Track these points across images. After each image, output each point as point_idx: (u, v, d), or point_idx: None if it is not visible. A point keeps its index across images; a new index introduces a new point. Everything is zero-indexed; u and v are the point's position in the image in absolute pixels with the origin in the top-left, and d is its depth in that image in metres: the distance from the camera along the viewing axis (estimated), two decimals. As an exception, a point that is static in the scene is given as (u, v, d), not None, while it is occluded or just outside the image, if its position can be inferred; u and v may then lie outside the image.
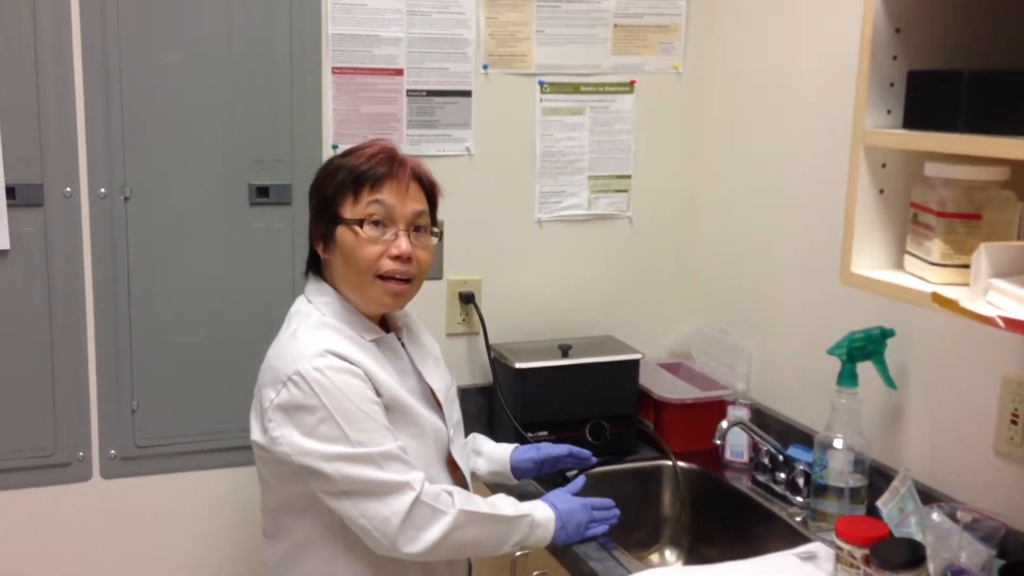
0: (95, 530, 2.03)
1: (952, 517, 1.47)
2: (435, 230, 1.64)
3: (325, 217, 1.59)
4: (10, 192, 1.87)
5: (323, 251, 1.62)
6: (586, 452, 1.88)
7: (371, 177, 1.57)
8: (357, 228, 1.56)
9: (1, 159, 1.85)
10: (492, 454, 1.87)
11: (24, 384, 1.93)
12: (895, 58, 1.39)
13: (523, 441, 2.03)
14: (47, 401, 1.95)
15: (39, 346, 1.93)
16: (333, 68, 2.06)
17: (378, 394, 1.54)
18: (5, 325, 1.91)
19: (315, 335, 1.54)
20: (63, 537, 2.01)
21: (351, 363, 1.52)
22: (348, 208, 1.57)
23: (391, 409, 1.56)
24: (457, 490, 1.58)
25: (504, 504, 1.62)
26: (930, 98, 1.34)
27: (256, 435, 1.55)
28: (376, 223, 1.56)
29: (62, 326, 1.94)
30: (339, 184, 1.58)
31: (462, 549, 1.58)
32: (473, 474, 1.80)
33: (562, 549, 1.71)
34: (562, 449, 1.86)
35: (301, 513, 1.57)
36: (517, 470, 1.85)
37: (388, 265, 1.56)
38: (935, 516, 1.47)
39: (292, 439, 1.49)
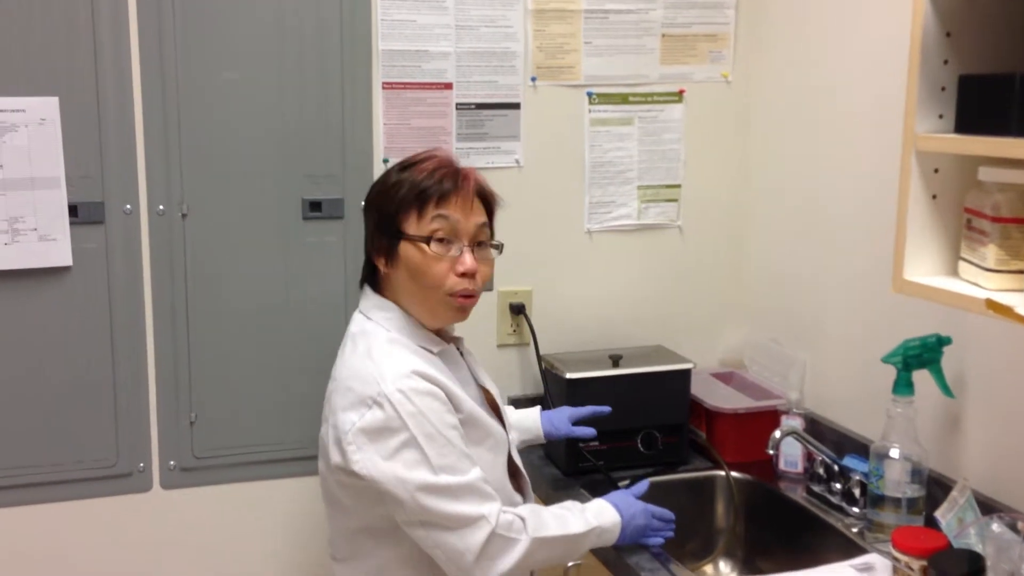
0: (155, 540, 2.07)
1: (1013, 528, 1.44)
2: (495, 243, 1.64)
3: (387, 232, 1.58)
4: (73, 210, 1.92)
5: (384, 266, 1.60)
6: (592, 432, 1.92)
7: (436, 193, 1.55)
8: (423, 245, 1.55)
9: (64, 178, 1.91)
10: (521, 424, 1.91)
11: (86, 396, 1.98)
12: (946, 62, 1.37)
13: (576, 453, 2.04)
14: (109, 413, 2.00)
15: (101, 359, 1.98)
16: (383, 83, 2.09)
17: (458, 411, 1.54)
18: (68, 339, 1.96)
19: (392, 354, 1.53)
20: (124, 547, 2.05)
21: (433, 383, 1.51)
22: (412, 224, 1.56)
23: (467, 424, 1.55)
24: (528, 512, 1.57)
25: (572, 518, 1.61)
26: (982, 102, 1.33)
27: (336, 459, 1.52)
28: (441, 240, 1.56)
29: (122, 340, 1.99)
30: (402, 199, 1.56)
31: (534, 566, 1.60)
32: None
33: (616, 561, 1.71)
34: (586, 432, 1.91)
35: (384, 536, 1.57)
36: (547, 439, 1.94)
37: (455, 283, 1.56)
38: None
39: (373, 463, 1.47)
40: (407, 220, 1.56)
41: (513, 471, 1.68)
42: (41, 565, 2.01)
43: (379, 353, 1.54)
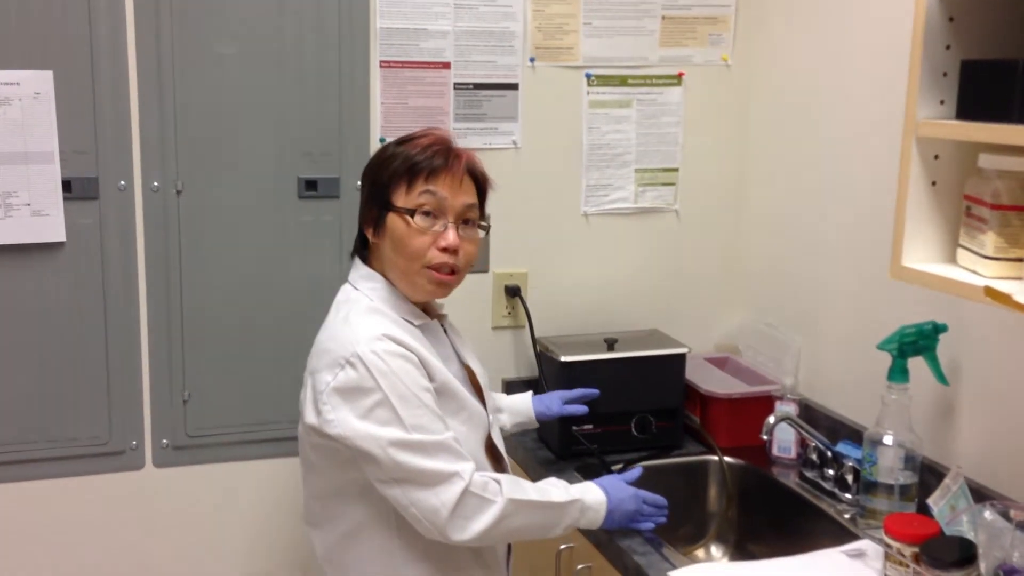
0: (147, 517, 2.07)
1: (1005, 515, 1.44)
2: (483, 224, 1.66)
3: (377, 203, 1.61)
4: (66, 185, 1.91)
5: (372, 235, 1.63)
6: (584, 409, 1.95)
7: (426, 168, 1.58)
8: (408, 217, 1.57)
9: (58, 153, 1.89)
10: (513, 407, 1.94)
11: (79, 374, 1.98)
12: (948, 47, 1.36)
13: (570, 436, 2.03)
14: (102, 391, 2.00)
15: (94, 336, 1.98)
16: (381, 62, 2.07)
17: (431, 379, 1.55)
18: (61, 316, 1.95)
19: (368, 320, 1.56)
20: (116, 524, 2.05)
21: (406, 348, 1.53)
22: (401, 196, 1.58)
23: (441, 394, 1.57)
24: (506, 478, 1.58)
25: (554, 489, 1.63)
26: (984, 88, 1.32)
27: (310, 419, 1.55)
28: (427, 214, 1.58)
29: (116, 317, 1.98)
30: (393, 172, 1.60)
31: (512, 535, 1.60)
32: (500, 430, 1.82)
33: (608, 544, 1.71)
34: (578, 409, 1.95)
35: (355, 499, 1.58)
36: (540, 420, 1.96)
37: (436, 256, 1.58)
38: (987, 514, 1.44)
39: (347, 421, 1.50)
40: (396, 192, 1.59)
41: (495, 456, 1.68)
42: (33, 542, 2.01)
43: (356, 318, 1.57)
